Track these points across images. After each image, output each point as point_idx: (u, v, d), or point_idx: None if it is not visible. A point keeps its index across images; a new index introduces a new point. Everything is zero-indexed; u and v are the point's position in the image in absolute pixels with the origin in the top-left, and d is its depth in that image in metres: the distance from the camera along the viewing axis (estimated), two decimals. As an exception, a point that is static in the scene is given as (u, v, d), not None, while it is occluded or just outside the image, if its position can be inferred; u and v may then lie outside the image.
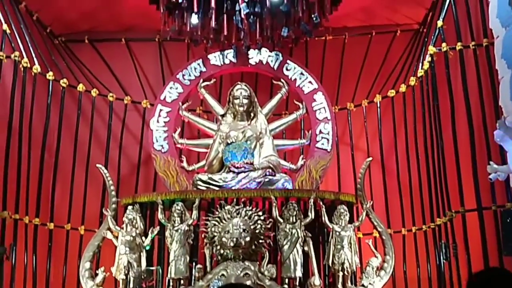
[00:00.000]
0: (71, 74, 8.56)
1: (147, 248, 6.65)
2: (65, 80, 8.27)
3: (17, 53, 7.46)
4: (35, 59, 7.87)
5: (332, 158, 7.95)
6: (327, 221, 6.60)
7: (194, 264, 6.52)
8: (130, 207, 6.76)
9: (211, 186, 7.17)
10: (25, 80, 7.59)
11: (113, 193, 7.16)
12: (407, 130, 8.10)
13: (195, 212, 6.55)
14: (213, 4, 7.05)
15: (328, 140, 7.85)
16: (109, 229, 6.85)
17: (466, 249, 6.54)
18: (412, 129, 7.95)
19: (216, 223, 6.37)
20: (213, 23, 7.34)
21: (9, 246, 7.04)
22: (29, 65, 7.66)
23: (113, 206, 7.05)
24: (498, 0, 5.83)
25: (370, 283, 6.51)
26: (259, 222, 6.35)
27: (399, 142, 8.24)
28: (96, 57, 9.00)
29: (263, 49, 8.10)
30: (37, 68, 7.82)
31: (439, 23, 7.27)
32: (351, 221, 6.74)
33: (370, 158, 7.42)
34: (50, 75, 8.08)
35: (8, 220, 7.07)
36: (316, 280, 6.29)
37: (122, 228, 6.67)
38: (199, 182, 7.26)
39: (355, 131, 8.71)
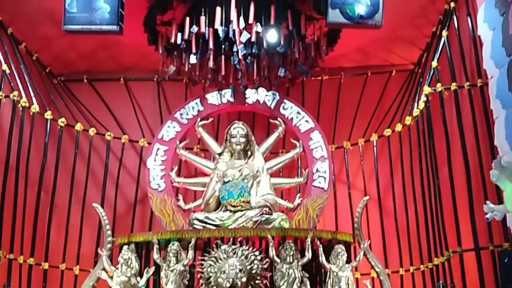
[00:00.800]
0: (70, 113, 8.61)
1: (142, 288, 6.56)
2: (63, 119, 8.32)
3: (16, 92, 7.52)
4: (33, 98, 7.93)
5: (329, 196, 7.94)
6: (324, 261, 6.52)
7: (190, 305, 6.43)
8: (125, 247, 6.68)
9: (207, 225, 7.12)
10: (23, 119, 7.64)
11: (109, 232, 7.09)
12: (403, 169, 8.11)
13: (191, 252, 6.47)
14: (211, 45, 7.17)
15: (325, 178, 7.87)
16: (104, 269, 6.75)
17: (464, 289, 6.47)
18: (409, 168, 7.97)
19: (212, 263, 6.29)
20: (211, 63, 7.45)
21: (3, 287, 6.95)
22: (27, 105, 7.71)
23: (109, 245, 6.97)
24: (492, 41, 5.93)
25: (368, 325, 6.41)
26: (255, 262, 6.27)
27: (396, 181, 8.24)
28: (95, 97, 9.08)
29: (260, 89, 8.19)
30: (35, 107, 7.87)
31: (434, 63, 7.38)
32: (348, 261, 6.66)
33: (367, 197, 7.39)
34: (48, 114, 8.13)
35: (2, 260, 7.01)
36: (314, 321, 6.20)
37: (117, 268, 6.59)
38: (196, 221, 7.21)
39: (351, 170, 8.72)
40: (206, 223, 7.17)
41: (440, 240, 6.90)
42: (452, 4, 7.25)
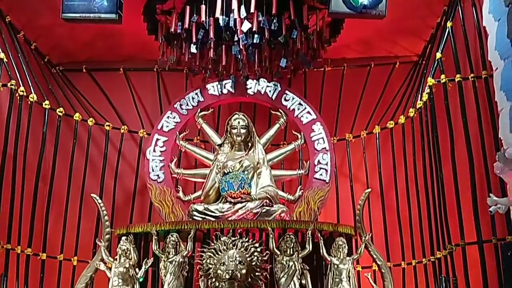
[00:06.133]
0: (68, 103, 8.54)
1: (141, 280, 6.50)
2: (61, 109, 8.25)
3: (13, 81, 7.44)
4: (31, 87, 7.86)
5: (331, 189, 7.87)
6: (325, 254, 6.48)
7: (188, 296, 6.37)
8: (124, 238, 6.63)
9: (207, 217, 7.07)
10: (21, 108, 7.56)
11: (107, 223, 7.04)
12: (406, 162, 8.04)
13: (190, 243, 6.43)
14: (211, 34, 7.07)
15: (326, 171, 7.79)
16: (102, 260, 6.71)
17: (466, 283, 6.41)
18: (412, 161, 7.89)
19: (212, 255, 6.23)
20: (211, 54, 7.37)
21: (0, 276, 6.90)
22: (25, 94, 7.63)
23: (107, 236, 6.93)
24: (497, 33, 5.84)
25: (369, 318, 6.36)
26: (255, 254, 6.21)
27: (398, 174, 8.17)
28: (94, 87, 8.99)
29: (262, 80, 8.09)
30: (33, 96, 7.79)
31: (438, 55, 7.28)
32: (349, 253, 6.62)
33: (369, 190, 7.33)
34: (46, 104, 8.05)
35: (0, 250, 6.94)
36: (314, 314, 6.15)
37: (116, 259, 6.54)
38: (195, 213, 7.17)
39: (354, 162, 8.65)
40: (205, 214, 7.13)
41: (443, 233, 6.83)
42: (457, -5, 7.17)
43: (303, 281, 6.33)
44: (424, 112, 7.53)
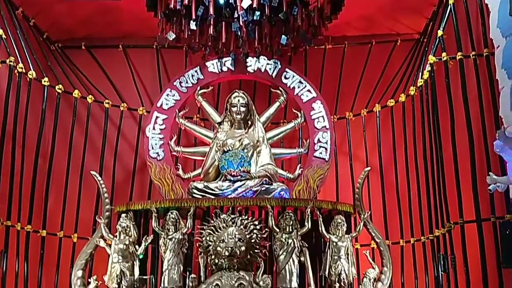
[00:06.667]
0: (67, 80, 8.50)
1: (141, 257, 6.54)
2: (60, 86, 8.21)
3: (12, 58, 7.40)
4: (30, 64, 7.81)
5: (330, 167, 7.86)
6: (324, 231, 6.51)
7: (188, 273, 6.40)
8: (123, 215, 6.66)
9: (206, 195, 7.08)
10: (20, 85, 7.52)
11: (107, 200, 7.06)
12: (406, 140, 8.03)
13: (189, 221, 6.46)
14: (211, 11, 6.99)
15: (326, 149, 7.78)
16: (102, 237, 6.74)
17: (464, 261, 6.44)
18: (412, 139, 7.88)
19: (211, 232, 6.26)
20: (211, 30, 7.28)
21: (0, 253, 6.93)
22: (24, 71, 7.59)
23: (107, 213, 6.95)
24: (498, 10, 5.79)
25: (367, 295, 6.41)
26: (255, 231, 6.24)
27: (398, 152, 8.16)
28: (93, 64, 8.94)
29: (262, 57, 8.03)
30: (32, 73, 7.75)
31: (440, 32, 7.22)
32: (348, 231, 6.65)
33: (369, 168, 7.33)
34: (45, 81, 8.01)
35: (0, 227, 6.97)
36: (313, 291, 6.20)
37: (115, 236, 6.58)
38: (195, 190, 7.17)
39: (353, 141, 8.63)
40: (205, 192, 7.14)
41: (442, 211, 6.85)
42: (460, -29, 7.08)
43: (302, 259, 6.36)
44: (425, 90, 7.50)
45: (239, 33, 7.34)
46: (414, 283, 7.62)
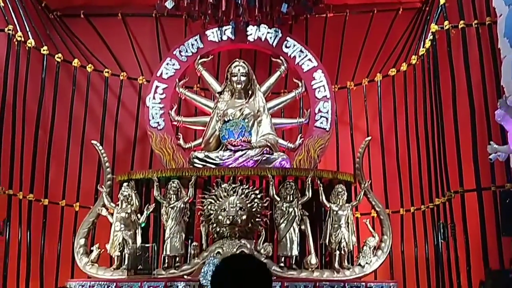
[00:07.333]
0: (66, 49, 8.43)
1: (143, 225, 6.59)
2: (59, 55, 8.15)
3: (11, 26, 7.34)
4: (29, 33, 7.74)
5: (331, 137, 7.86)
6: (324, 200, 6.54)
7: (189, 241, 6.47)
8: (125, 184, 6.69)
9: (207, 164, 7.10)
10: (19, 54, 7.46)
11: (108, 170, 7.09)
12: (407, 109, 8.00)
13: (191, 190, 6.49)
14: (211, -23, 6.91)
15: (327, 119, 7.76)
16: (104, 206, 6.79)
17: (464, 230, 6.49)
18: (413, 109, 7.86)
19: (213, 201, 6.31)
20: (211, -2, 7.21)
21: (3, 221, 6.97)
22: (23, 39, 7.54)
23: (108, 183, 6.99)
24: (501, -22, 5.71)
25: (367, 263, 6.48)
26: (255, 200, 6.29)
27: (399, 122, 8.15)
28: (92, 32, 8.84)
29: (262, 26, 7.96)
30: (31, 42, 7.69)
31: (442, 1, 7.13)
32: (349, 200, 6.69)
33: (369, 137, 7.34)
34: (44, 50, 7.95)
35: (1, 195, 7.01)
36: (313, 259, 6.27)
37: (117, 205, 6.62)
38: (196, 160, 7.18)
39: (354, 111, 8.61)
40: (206, 162, 7.15)
41: (442, 180, 6.87)
42: None
43: (303, 227, 6.42)
44: (427, 60, 7.45)
45: (239, 1, 7.27)
46: (414, 251, 7.69)
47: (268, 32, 7.99)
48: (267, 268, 2.29)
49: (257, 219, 6.29)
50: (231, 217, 6.07)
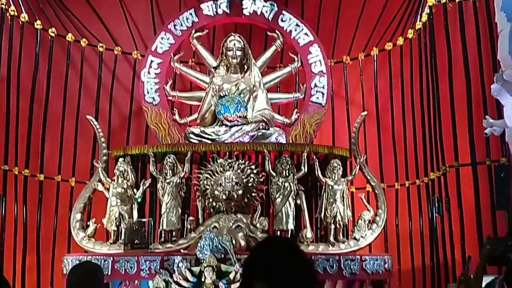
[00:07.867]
0: (60, 24, 8.32)
1: (139, 200, 6.61)
2: (53, 29, 8.06)
3: (3, 1, 7.27)
4: (22, 7, 7.66)
5: (327, 112, 7.84)
6: (320, 175, 6.56)
7: (186, 216, 6.50)
8: (121, 159, 6.68)
9: (203, 139, 7.10)
10: (13, 28, 7.40)
11: (104, 145, 7.08)
12: (403, 84, 7.98)
13: (187, 165, 6.50)
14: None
15: (323, 94, 7.73)
16: (100, 181, 6.79)
17: (459, 204, 6.55)
18: (409, 83, 7.84)
19: (209, 176, 6.33)
20: (206, -29, 7.12)
21: (-2, 197, 7.00)
22: (16, 14, 7.46)
23: (104, 158, 6.98)
24: (499, -50, 5.66)
25: (362, 236, 6.52)
26: (251, 175, 6.31)
27: (395, 96, 8.14)
28: (85, 6, 8.70)
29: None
30: (24, 16, 7.61)
31: (439, -26, 7.08)
32: (344, 175, 6.71)
33: (365, 112, 7.33)
34: (38, 24, 7.87)
35: (-3, 170, 7.02)
36: (308, 233, 6.31)
37: (113, 180, 6.62)
38: (191, 135, 7.18)
39: (350, 85, 8.58)
40: (202, 137, 7.15)
41: (437, 154, 6.90)
42: None
43: (298, 202, 6.45)
44: (423, 34, 7.41)
45: (234, -26, 7.18)
46: (409, 225, 7.75)
47: (263, 6, 7.90)
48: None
49: (253, 194, 6.31)
50: (227, 192, 6.09)
